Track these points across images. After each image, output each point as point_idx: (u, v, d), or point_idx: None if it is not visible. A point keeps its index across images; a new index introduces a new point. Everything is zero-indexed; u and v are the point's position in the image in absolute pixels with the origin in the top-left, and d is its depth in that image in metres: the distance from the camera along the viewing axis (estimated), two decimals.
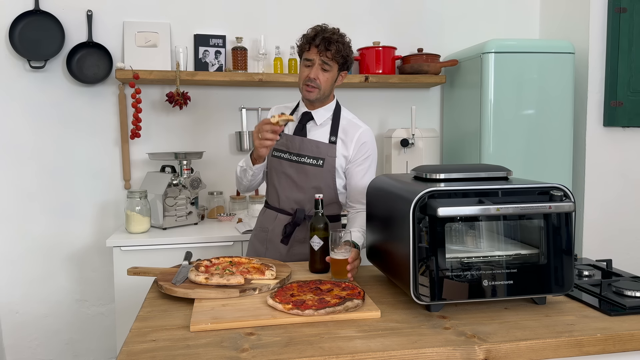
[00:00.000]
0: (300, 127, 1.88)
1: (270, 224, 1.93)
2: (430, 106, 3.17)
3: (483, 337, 1.11)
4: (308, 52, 1.79)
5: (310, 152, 1.84)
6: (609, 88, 2.75)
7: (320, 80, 1.79)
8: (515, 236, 1.33)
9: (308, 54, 1.79)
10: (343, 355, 1.03)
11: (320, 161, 1.84)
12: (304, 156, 1.85)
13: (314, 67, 1.78)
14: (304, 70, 1.81)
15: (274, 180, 1.91)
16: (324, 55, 1.76)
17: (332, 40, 1.76)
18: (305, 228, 1.85)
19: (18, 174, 2.74)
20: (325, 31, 1.78)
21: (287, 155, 1.87)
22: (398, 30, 3.08)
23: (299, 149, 1.85)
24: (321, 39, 1.75)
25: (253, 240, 2.01)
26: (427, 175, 1.37)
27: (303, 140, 1.86)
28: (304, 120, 1.88)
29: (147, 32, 2.77)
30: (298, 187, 1.87)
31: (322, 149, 1.84)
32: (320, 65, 1.78)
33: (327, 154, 1.84)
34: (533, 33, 3.21)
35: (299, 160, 1.85)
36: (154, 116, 2.86)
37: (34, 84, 2.73)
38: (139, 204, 2.47)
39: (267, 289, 1.40)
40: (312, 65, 1.79)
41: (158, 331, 1.16)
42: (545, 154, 2.69)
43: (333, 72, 1.82)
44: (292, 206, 1.88)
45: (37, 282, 2.79)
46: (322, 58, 1.77)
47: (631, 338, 1.14)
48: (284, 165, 1.88)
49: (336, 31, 1.80)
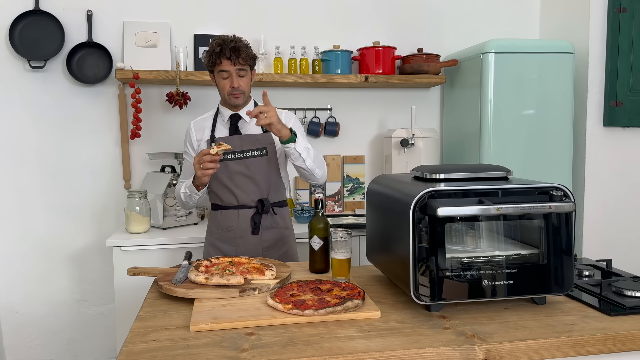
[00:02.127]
0: (233, 129, 2.02)
1: (234, 222, 2.01)
2: (430, 106, 3.17)
3: (483, 337, 1.11)
4: (220, 64, 1.92)
5: (252, 145, 1.99)
6: (609, 88, 2.75)
7: (242, 85, 1.96)
8: (515, 236, 1.33)
9: (222, 67, 1.92)
10: (343, 355, 1.03)
11: (263, 150, 1.99)
12: (247, 151, 1.99)
13: (233, 77, 1.93)
14: (224, 82, 1.96)
15: (224, 182, 1.99)
16: (237, 63, 1.91)
17: (239, 47, 1.91)
18: (268, 214, 2.01)
19: (18, 174, 2.75)
20: (226, 41, 1.91)
21: (231, 155, 1.97)
22: (398, 30, 3.08)
23: (241, 146, 1.98)
24: (229, 49, 1.89)
25: (215, 244, 2.04)
26: (427, 175, 1.37)
27: (242, 138, 2.00)
28: (234, 121, 2.02)
29: (147, 32, 2.77)
30: (252, 180, 1.99)
31: (260, 139, 1.99)
32: (237, 73, 1.94)
33: (267, 142, 1.99)
34: (533, 33, 3.21)
35: (244, 155, 1.98)
36: (154, 116, 2.86)
37: (34, 84, 2.73)
38: (139, 204, 2.47)
39: (267, 289, 1.40)
40: (229, 75, 1.94)
41: (158, 331, 1.16)
42: (545, 154, 2.69)
43: (248, 74, 1.99)
44: (252, 198, 2.00)
45: (38, 282, 2.80)
46: (237, 67, 1.92)
47: (631, 338, 1.14)
48: (230, 166, 1.98)
49: (236, 39, 1.94)
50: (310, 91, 3.00)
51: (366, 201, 1.62)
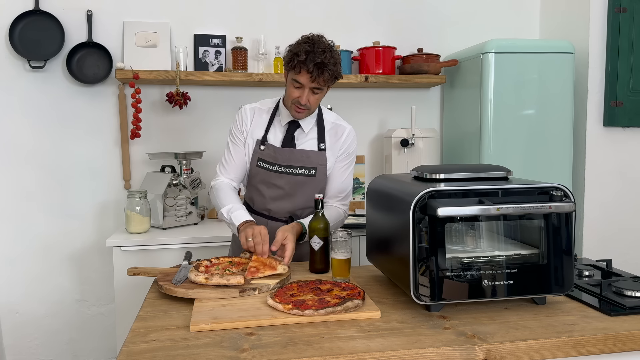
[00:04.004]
0: (289, 139, 1.82)
1: None
2: (430, 106, 3.17)
3: (483, 337, 1.11)
4: (298, 74, 1.67)
5: (302, 162, 1.80)
6: (609, 88, 2.75)
7: (311, 102, 1.72)
8: (515, 236, 1.33)
9: (298, 77, 1.67)
10: (343, 355, 1.03)
11: (312, 170, 1.81)
12: (294, 167, 1.81)
13: (305, 92, 1.69)
14: (294, 91, 1.71)
15: (261, 190, 1.86)
16: (315, 81, 1.67)
17: (325, 64, 1.64)
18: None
19: (18, 174, 2.74)
20: (316, 52, 1.63)
21: (276, 167, 1.81)
22: (398, 30, 3.08)
23: (288, 161, 1.81)
24: (313, 65, 1.62)
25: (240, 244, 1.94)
26: (427, 175, 1.37)
27: (292, 152, 1.81)
28: (291, 130, 1.83)
29: (147, 32, 2.77)
30: (290, 198, 1.84)
31: (312, 158, 1.81)
32: (311, 90, 1.70)
33: (318, 163, 1.82)
34: (533, 33, 3.21)
35: (289, 171, 1.81)
36: (154, 116, 2.86)
37: (34, 84, 2.73)
38: (139, 204, 2.47)
39: (267, 289, 1.40)
40: (301, 87, 1.69)
41: (158, 331, 1.16)
42: (545, 154, 2.69)
43: (323, 92, 1.75)
44: (284, 215, 1.87)
45: (37, 282, 2.79)
46: (314, 84, 1.68)
47: (631, 338, 1.14)
48: (272, 177, 1.83)
49: (327, 49, 1.66)
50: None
51: (366, 201, 1.62)
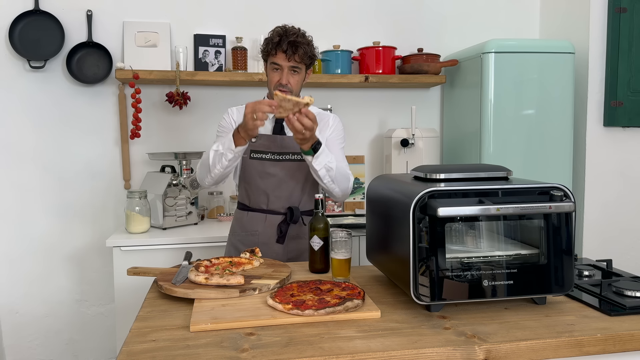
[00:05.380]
0: (278, 128, 1.90)
1: (259, 226, 1.91)
2: (430, 106, 3.17)
3: (483, 337, 1.11)
4: (275, 56, 1.80)
5: (294, 148, 1.85)
6: (609, 88, 2.75)
7: (292, 84, 1.82)
8: (515, 236, 1.33)
9: (275, 59, 1.80)
10: (343, 355, 1.03)
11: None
12: (287, 153, 1.87)
13: (284, 72, 1.81)
14: (274, 74, 1.83)
15: (257, 182, 1.89)
16: (292, 59, 1.79)
17: (298, 43, 1.77)
18: (297, 224, 1.90)
19: (18, 173, 2.74)
20: (289, 34, 1.78)
21: (270, 155, 1.87)
22: (398, 30, 3.08)
23: (280, 147, 1.87)
24: (287, 43, 1.76)
25: (237, 246, 1.95)
26: (427, 175, 1.37)
27: (284, 138, 1.88)
28: (280, 120, 1.89)
29: (147, 32, 2.77)
30: (286, 185, 1.88)
31: None
32: (290, 69, 1.81)
33: None
34: (533, 33, 3.21)
35: (283, 158, 1.87)
36: (154, 116, 2.86)
37: (34, 83, 2.73)
38: (139, 204, 2.47)
39: (267, 289, 1.40)
40: (280, 69, 1.81)
41: (158, 331, 1.16)
42: (545, 154, 2.69)
43: (302, 74, 1.85)
44: (283, 205, 1.90)
45: (37, 282, 2.79)
46: (291, 63, 1.79)
47: (631, 338, 1.14)
48: (266, 166, 1.88)
49: (299, 32, 1.80)
50: (310, 91, 3.00)
51: (366, 201, 1.62)
